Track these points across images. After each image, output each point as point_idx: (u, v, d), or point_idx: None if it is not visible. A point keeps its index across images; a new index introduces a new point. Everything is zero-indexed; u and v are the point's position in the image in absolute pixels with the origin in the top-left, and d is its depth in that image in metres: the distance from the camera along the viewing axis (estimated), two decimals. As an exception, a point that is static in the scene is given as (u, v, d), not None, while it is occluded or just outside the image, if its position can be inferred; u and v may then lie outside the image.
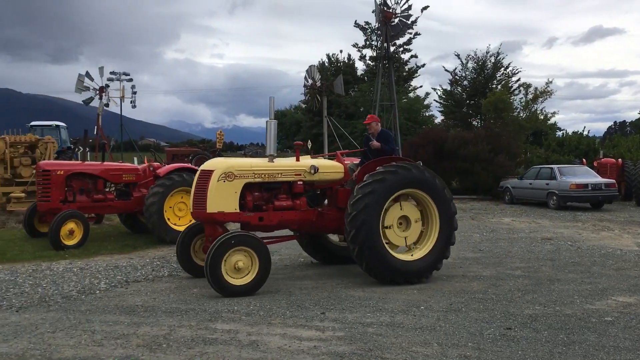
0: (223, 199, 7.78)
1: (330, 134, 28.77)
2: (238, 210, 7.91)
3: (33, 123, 28.45)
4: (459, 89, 35.98)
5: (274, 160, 8.37)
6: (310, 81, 29.03)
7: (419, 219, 8.47)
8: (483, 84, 34.35)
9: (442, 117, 38.98)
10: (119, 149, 43.21)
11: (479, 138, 25.79)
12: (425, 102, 41.74)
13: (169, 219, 11.88)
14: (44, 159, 15.43)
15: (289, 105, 48.84)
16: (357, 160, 9.31)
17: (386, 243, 8.13)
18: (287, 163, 8.58)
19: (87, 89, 33.93)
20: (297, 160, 8.61)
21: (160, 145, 64.30)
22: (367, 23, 37.28)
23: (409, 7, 26.44)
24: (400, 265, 8.11)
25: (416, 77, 41.88)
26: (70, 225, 11.13)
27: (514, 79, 34.47)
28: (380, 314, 6.64)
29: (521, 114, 30.76)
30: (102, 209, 12.70)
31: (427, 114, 42.07)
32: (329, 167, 8.71)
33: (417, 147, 26.76)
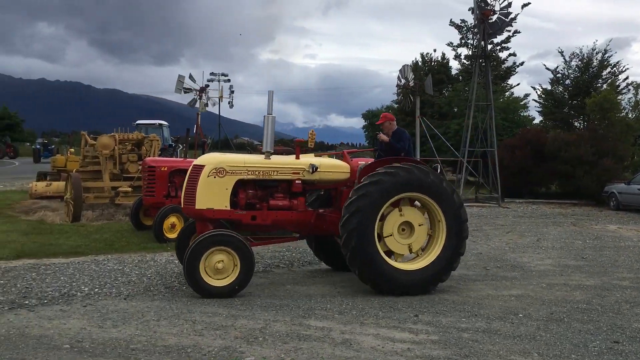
0: (213, 195, 7.52)
1: (422, 134, 28.33)
2: (229, 208, 7.60)
3: (138, 122, 29.87)
4: (561, 88, 34.20)
5: (271, 157, 7.97)
6: (403, 81, 28.74)
7: (424, 222, 7.81)
8: (587, 83, 32.45)
9: (541, 118, 37.25)
10: (215, 147, 44.87)
11: (582, 140, 24.47)
12: (523, 102, 40.09)
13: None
14: (149, 156, 16.26)
15: (381, 105, 48.56)
16: (372, 161, 8.67)
17: (385, 251, 7.55)
18: (284, 161, 8.14)
19: (189, 90, 35.44)
20: (297, 158, 8.14)
21: (254, 144, 66.10)
22: (462, 21, 36.33)
23: (509, 5, 25.43)
24: (398, 274, 7.48)
25: (513, 74, 40.25)
26: (172, 219, 11.65)
27: (621, 77, 32.28)
28: (475, 319, 6.47)
29: (630, 115, 28.80)
30: (201, 204, 13.24)
31: (525, 114, 40.35)
32: (331, 166, 8.21)
33: (513, 148, 25.83)
